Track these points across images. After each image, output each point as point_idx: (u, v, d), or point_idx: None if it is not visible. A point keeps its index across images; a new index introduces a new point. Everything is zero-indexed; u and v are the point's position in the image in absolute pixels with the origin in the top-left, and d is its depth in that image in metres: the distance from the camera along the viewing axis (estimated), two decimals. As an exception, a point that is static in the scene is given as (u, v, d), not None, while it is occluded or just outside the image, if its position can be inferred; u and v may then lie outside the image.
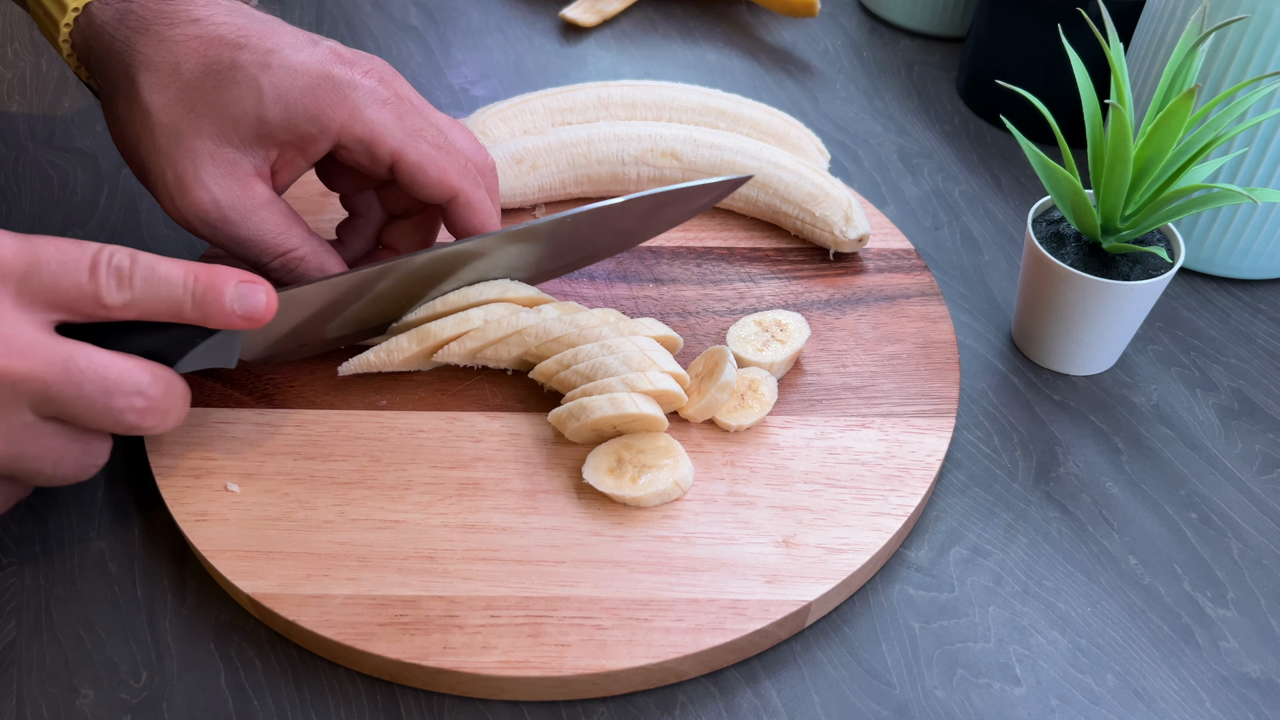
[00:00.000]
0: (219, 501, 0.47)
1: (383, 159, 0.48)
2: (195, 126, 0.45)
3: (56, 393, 0.39)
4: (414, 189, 0.49)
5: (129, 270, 0.41)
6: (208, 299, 0.42)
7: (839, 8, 0.86)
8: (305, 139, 0.47)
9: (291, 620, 0.43)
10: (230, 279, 0.42)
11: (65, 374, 0.39)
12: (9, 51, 0.78)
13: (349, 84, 0.47)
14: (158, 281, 0.41)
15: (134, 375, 0.41)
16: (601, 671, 0.42)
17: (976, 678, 0.44)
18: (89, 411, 0.40)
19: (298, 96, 0.46)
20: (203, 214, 0.46)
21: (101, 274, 0.40)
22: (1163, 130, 0.49)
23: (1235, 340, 0.59)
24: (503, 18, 0.83)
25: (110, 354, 0.41)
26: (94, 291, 0.40)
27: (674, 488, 0.47)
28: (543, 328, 0.50)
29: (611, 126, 0.61)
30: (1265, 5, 0.53)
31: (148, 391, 0.41)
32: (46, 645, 0.44)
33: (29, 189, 0.66)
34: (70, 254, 0.40)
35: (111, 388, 0.40)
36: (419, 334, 0.50)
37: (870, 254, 0.60)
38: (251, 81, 0.45)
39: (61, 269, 0.40)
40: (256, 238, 0.47)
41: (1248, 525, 0.50)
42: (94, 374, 0.40)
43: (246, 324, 0.43)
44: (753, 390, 0.51)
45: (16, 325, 0.39)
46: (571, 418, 0.48)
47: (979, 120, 0.74)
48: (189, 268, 0.42)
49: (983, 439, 0.53)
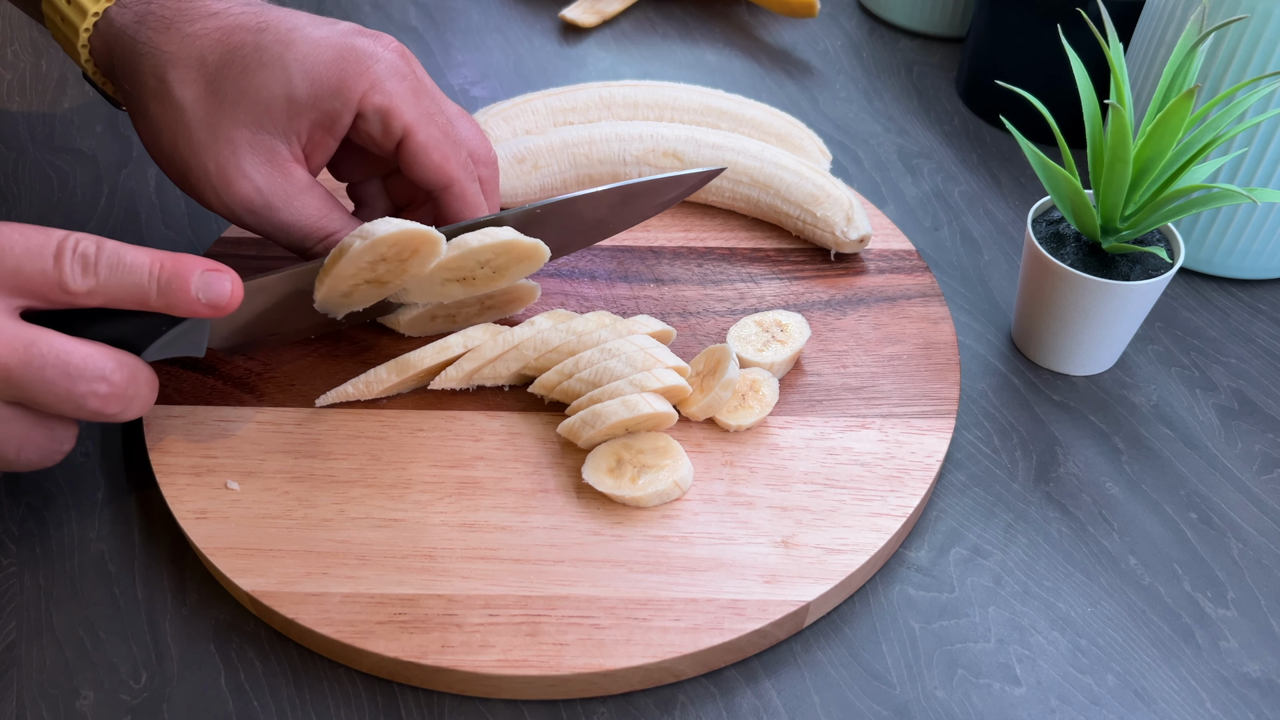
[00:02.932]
0: (219, 499, 0.47)
1: (394, 132, 0.48)
2: (230, 116, 0.46)
3: (18, 378, 0.40)
4: (414, 169, 0.49)
5: (94, 257, 0.41)
6: (173, 286, 0.42)
7: (839, 8, 0.86)
8: (331, 115, 0.47)
9: (290, 618, 0.43)
10: (195, 267, 0.43)
11: (27, 359, 0.39)
12: (9, 52, 0.78)
13: (371, 55, 0.47)
14: (123, 269, 0.41)
15: (97, 361, 0.41)
16: (599, 671, 0.42)
17: (977, 678, 0.44)
18: (51, 397, 0.40)
19: (323, 70, 0.46)
20: (247, 203, 0.46)
21: (66, 260, 0.40)
22: (1162, 130, 0.49)
23: (1235, 340, 0.58)
24: (502, 18, 0.83)
25: (74, 340, 0.41)
26: (58, 278, 0.40)
27: (673, 488, 0.47)
28: (540, 339, 0.50)
29: (613, 126, 0.62)
30: (1265, 5, 0.53)
31: (111, 378, 0.41)
32: (46, 646, 0.44)
33: (29, 190, 0.66)
34: (35, 240, 0.40)
35: (74, 373, 0.40)
36: (398, 364, 0.50)
37: (871, 255, 0.60)
38: (278, 61, 0.46)
39: (26, 255, 0.40)
40: (300, 222, 0.48)
41: (1248, 525, 0.50)
42: (56, 359, 0.40)
43: (212, 312, 0.43)
44: (754, 390, 0.51)
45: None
46: (586, 426, 0.47)
47: (979, 120, 0.74)
48: (155, 256, 0.42)
49: (983, 439, 0.53)
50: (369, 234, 0.45)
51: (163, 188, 0.66)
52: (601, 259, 0.59)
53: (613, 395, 0.48)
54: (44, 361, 0.40)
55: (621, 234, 0.61)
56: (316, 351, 0.53)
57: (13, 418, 0.41)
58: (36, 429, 0.42)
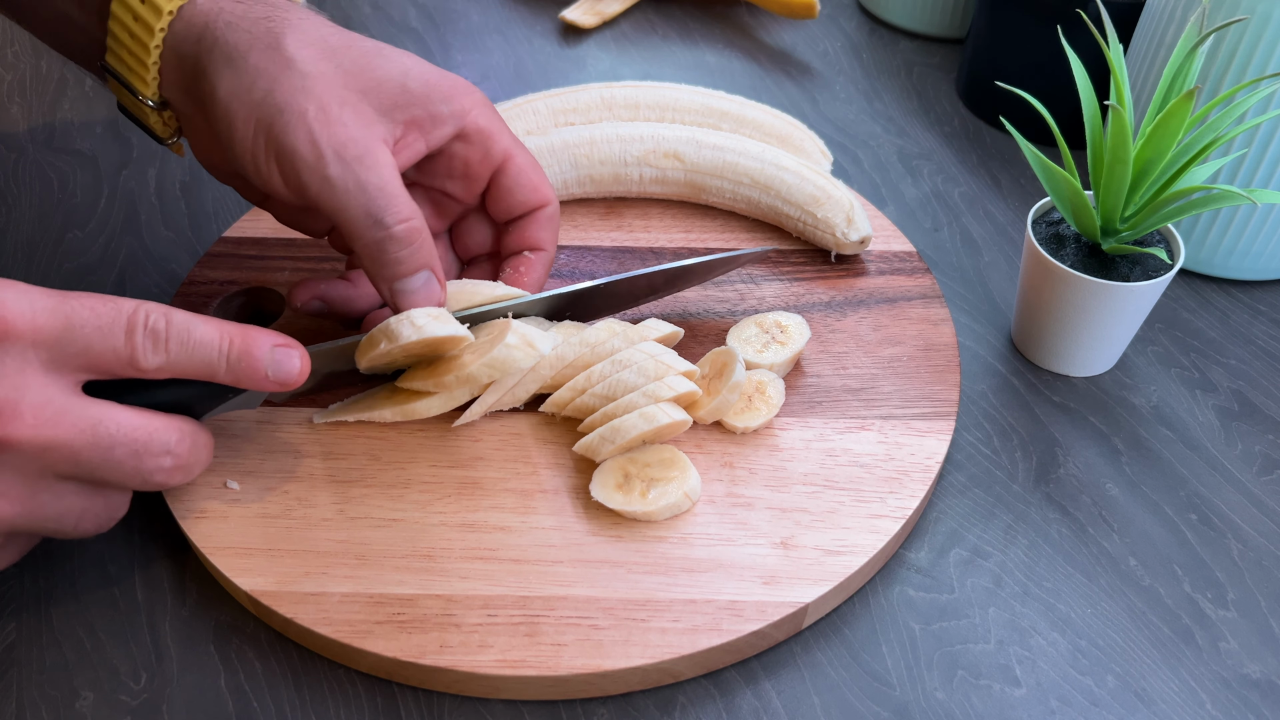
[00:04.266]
0: (219, 499, 0.47)
1: (496, 155, 0.50)
2: (341, 80, 0.45)
3: (86, 459, 0.39)
4: (514, 193, 0.51)
5: (164, 333, 0.40)
6: (243, 364, 0.42)
7: (838, 9, 0.86)
8: (436, 119, 0.48)
9: (289, 618, 0.43)
10: (265, 343, 0.42)
11: (95, 440, 0.39)
12: (9, 53, 0.78)
13: (471, 88, 0.49)
14: (193, 345, 0.41)
15: (162, 436, 0.40)
16: (597, 671, 0.42)
17: (977, 679, 0.44)
18: (117, 473, 0.40)
19: (435, 79, 0.48)
20: (343, 146, 0.44)
21: (138, 338, 0.40)
22: (1162, 131, 0.49)
23: (1235, 341, 0.58)
24: (503, 19, 0.83)
25: (138, 414, 0.40)
26: (130, 355, 0.39)
27: (684, 499, 0.46)
28: (555, 355, 0.50)
29: (614, 127, 0.62)
30: (1265, 6, 0.53)
31: (175, 450, 0.41)
32: (46, 647, 0.44)
33: (29, 191, 0.66)
34: (105, 317, 0.39)
35: (141, 450, 0.40)
36: (403, 411, 0.49)
37: (872, 256, 0.60)
38: (397, 58, 0.47)
39: (96, 333, 0.39)
40: (387, 187, 0.45)
41: (1248, 526, 0.50)
42: (124, 437, 0.39)
43: (279, 388, 0.43)
44: (760, 392, 0.51)
45: (44, 391, 0.38)
46: (605, 442, 0.47)
47: (978, 121, 0.74)
48: (223, 331, 0.41)
49: (982, 440, 0.53)
50: (396, 337, 0.45)
51: (163, 188, 0.66)
52: (602, 259, 0.59)
53: (628, 408, 0.48)
54: (112, 441, 0.39)
55: (621, 234, 0.61)
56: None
57: (72, 491, 0.40)
58: (95, 499, 0.41)
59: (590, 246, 0.60)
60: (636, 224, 0.62)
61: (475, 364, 0.46)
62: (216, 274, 0.57)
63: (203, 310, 0.55)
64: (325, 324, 0.54)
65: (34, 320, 0.38)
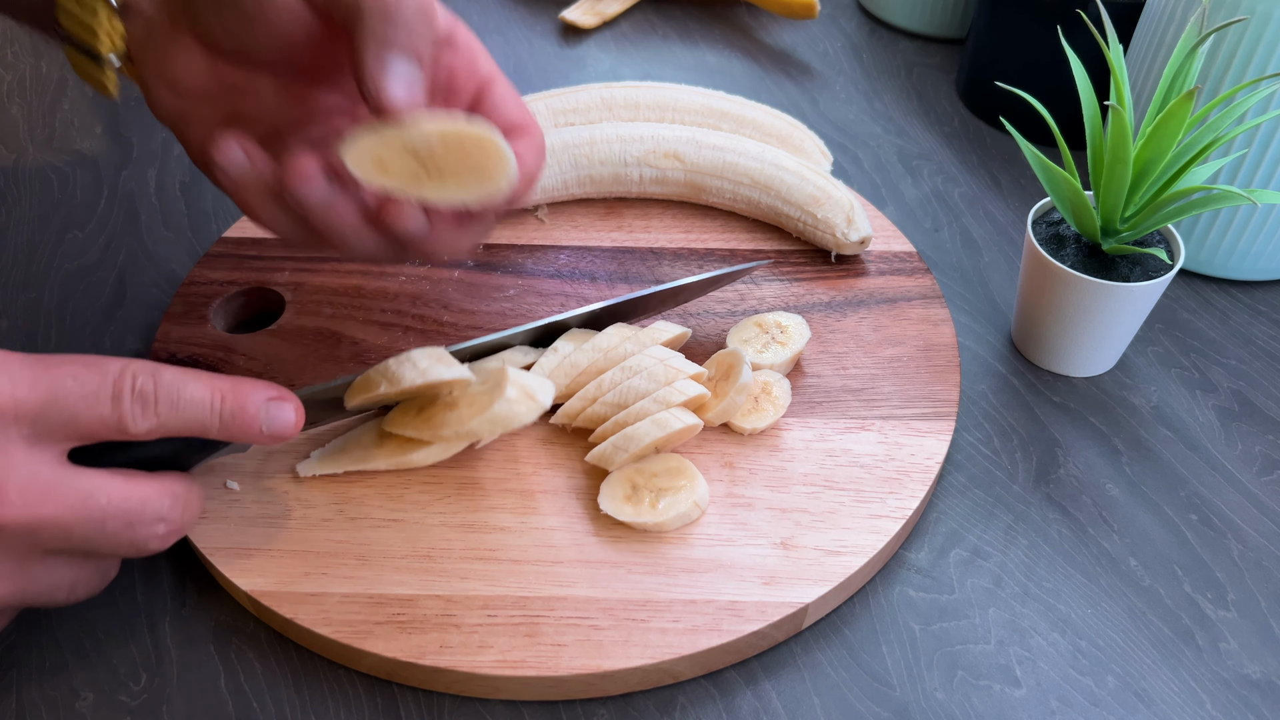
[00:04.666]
0: (218, 499, 0.47)
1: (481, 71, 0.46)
2: None
3: (78, 533, 0.38)
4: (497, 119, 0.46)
5: (153, 395, 0.39)
6: (236, 421, 0.40)
7: (838, 9, 0.86)
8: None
9: (289, 618, 0.43)
10: (258, 397, 0.41)
11: (85, 514, 0.38)
12: (9, 53, 0.78)
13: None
14: (184, 405, 0.39)
15: (155, 504, 0.39)
16: (597, 672, 0.42)
17: (977, 679, 0.44)
18: (110, 545, 0.39)
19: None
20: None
21: (125, 404, 0.38)
22: (1162, 132, 0.49)
23: (1235, 342, 0.58)
24: (502, 19, 0.83)
25: (128, 481, 0.39)
26: (118, 422, 0.38)
27: (694, 508, 0.46)
28: (569, 363, 0.50)
29: (614, 127, 0.62)
30: (1265, 6, 0.53)
31: (169, 516, 0.40)
32: (46, 648, 0.44)
33: (28, 191, 0.66)
34: (90, 384, 0.38)
35: (134, 520, 0.39)
36: (399, 462, 0.48)
37: (872, 256, 0.60)
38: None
39: (82, 402, 0.37)
40: None
41: (1248, 527, 0.50)
42: (115, 509, 0.38)
43: (273, 441, 0.42)
44: (766, 393, 0.51)
45: (29, 468, 0.37)
46: (619, 451, 0.47)
47: (978, 122, 0.74)
48: (214, 387, 0.40)
49: (983, 440, 0.53)
50: (397, 380, 0.45)
51: (163, 188, 0.66)
52: (602, 260, 0.59)
53: (639, 415, 0.47)
54: (104, 514, 0.38)
55: (621, 234, 0.61)
56: (316, 352, 0.53)
57: (64, 563, 0.39)
58: (86, 568, 0.40)
59: (590, 247, 0.60)
60: (636, 224, 0.62)
61: (475, 420, 0.45)
62: (216, 274, 0.57)
63: (203, 310, 0.55)
64: (320, 339, 0.54)
65: (14, 394, 0.36)
